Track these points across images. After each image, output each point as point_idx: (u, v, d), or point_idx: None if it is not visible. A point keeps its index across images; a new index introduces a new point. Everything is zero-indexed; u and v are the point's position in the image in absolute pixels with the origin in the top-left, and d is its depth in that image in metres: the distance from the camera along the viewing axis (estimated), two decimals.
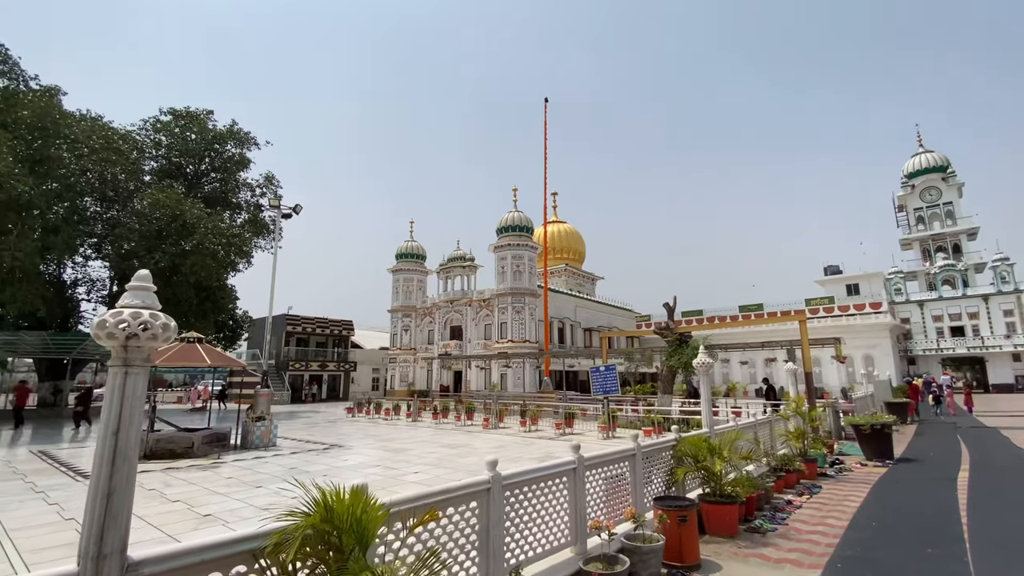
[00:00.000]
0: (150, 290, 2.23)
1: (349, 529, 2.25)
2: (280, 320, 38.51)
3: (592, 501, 4.55)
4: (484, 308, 36.80)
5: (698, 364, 7.01)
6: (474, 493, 3.46)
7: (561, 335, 40.39)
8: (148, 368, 2.14)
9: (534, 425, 16.80)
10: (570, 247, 53.09)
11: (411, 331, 41.34)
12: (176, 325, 2.25)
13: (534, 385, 32.72)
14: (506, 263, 35.40)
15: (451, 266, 39.89)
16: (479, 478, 3.56)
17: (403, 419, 20.34)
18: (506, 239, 35.79)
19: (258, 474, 9.59)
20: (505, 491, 3.71)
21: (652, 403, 17.59)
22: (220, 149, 27.15)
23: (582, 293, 48.16)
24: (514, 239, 35.68)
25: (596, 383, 19.05)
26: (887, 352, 36.47)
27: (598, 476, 4.69)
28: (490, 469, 3.60)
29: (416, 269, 42.76)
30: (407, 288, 42.16)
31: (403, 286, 42.14)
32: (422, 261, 43.64)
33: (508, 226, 36.29)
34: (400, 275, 42.38)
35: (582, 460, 4.44)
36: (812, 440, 9.60)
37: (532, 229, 37.71)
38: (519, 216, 36.67)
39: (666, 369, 17.11)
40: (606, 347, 20.83)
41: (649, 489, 5.36)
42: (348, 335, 42.62)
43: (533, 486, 3.98)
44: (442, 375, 38.10)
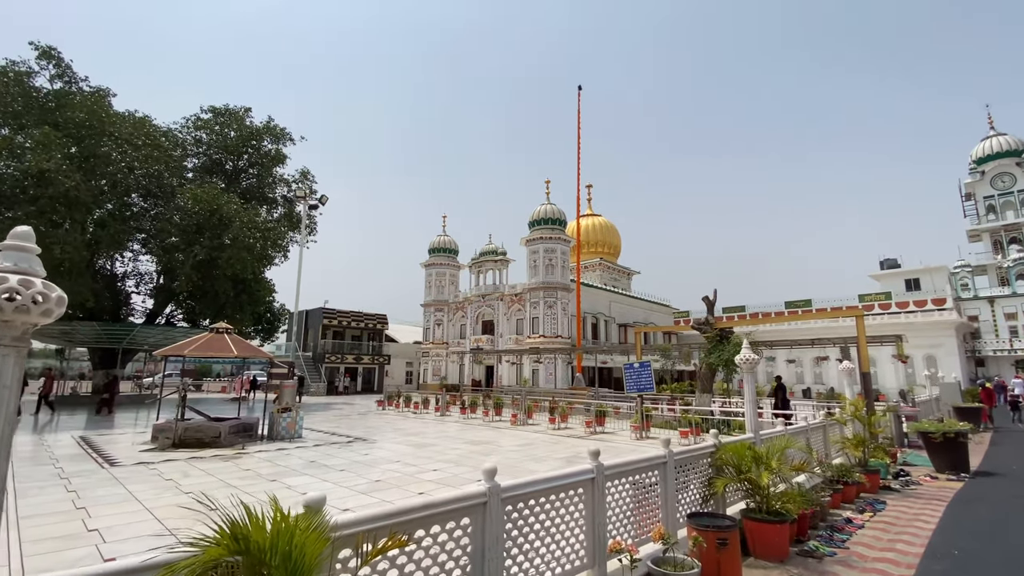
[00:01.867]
0: (30, 251, 1.76)
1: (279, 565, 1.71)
2: (317, 314, 39.30)
3: (614, 517, 3.90)
4: (516, 302, 36.37)
5: (742, 361, 6.20)
6: (466, 508, 2.89)
7: (595, 331, 39.56)
8: (23, 347, 1.68)
9: (563, 423, 16.21)
10: (605, 241, 51.90)
11: (443, 325, 41.39)
12: (62, 295, 1.77)
13: (566, 381, 32.06)
14: (538, 257, 34.78)
15: (483, 260, 39.66)
16: (472, 489, 2.99)
17: (432, 413, 20.17)
18: (538, 232, 35.17)
19: (277, 467, 9.41)
20: (506, 505, 3.13)
21: (689, 402, 16.65)
22: (257, 145, 27.66)
23: (617, 288, 46.98)
24: (546, 232, 35.01)
25: (630, 380, 18.20)
26: (952, 352, 33.60)
27: (622, 488, 4.03)
28: (487, 479, 3.03)
29: (448, 264, 42.78)
30: (439, 283, 42.23)
31: (435, 281, 42.23)
32: (454, 255, 43.63)
33: (540, 219, 35.67)
34: (433, 270, 42.49)
35: (602, 469, 3.79)
36: (872, 448, 8.53)
37: (565, 222, 36.98)
38: (551, 209, 35.95)
39: (705, 367, 16.12)
40: (640, 343, 19.91)
41: (682, 503, 4.65)
42: (382, 329, 43.05)
43: (542, 499, 3.37)
44: (473, 370, 38.01)
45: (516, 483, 3.23)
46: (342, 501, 6.87)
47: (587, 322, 38.19)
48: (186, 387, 13.34)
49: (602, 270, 49.47)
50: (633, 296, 46.98)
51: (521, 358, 33.92)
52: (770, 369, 39.84)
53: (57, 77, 23.20)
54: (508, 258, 39.05)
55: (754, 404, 6.25)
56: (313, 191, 29.67)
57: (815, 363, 35.52)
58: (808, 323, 38.63)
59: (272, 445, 12.11)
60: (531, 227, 36.33)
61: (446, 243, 43.17)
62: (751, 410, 6.18)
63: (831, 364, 33.06)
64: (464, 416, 18.92)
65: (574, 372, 31.63)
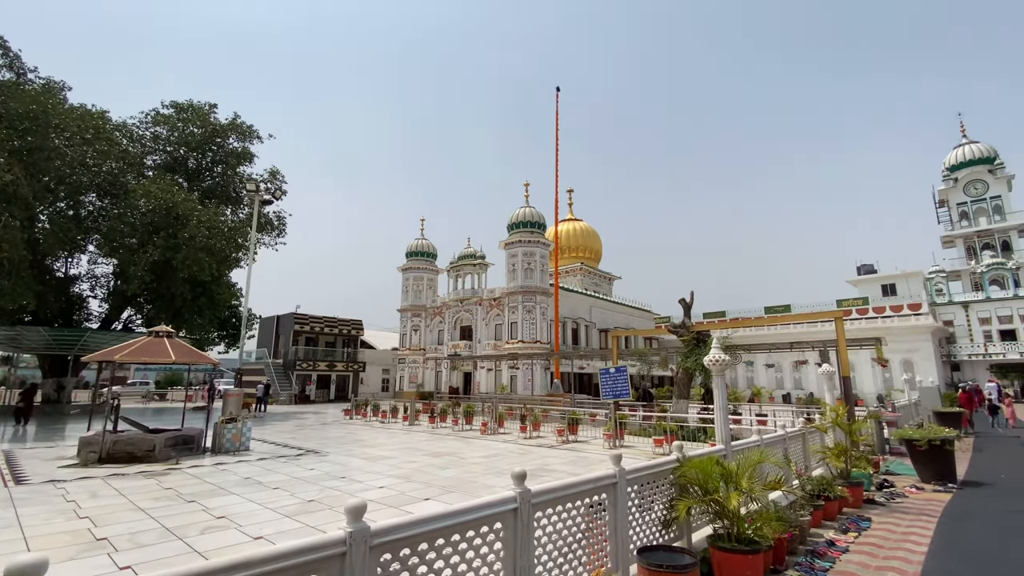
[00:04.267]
0: None
1: None
2: (288, 319, 38.06)
3: (547, 558, 3.09)
4: (494, 307, 35.61)
5: (711, 362, 5.51)
6: (317, 561, 2.05)
7: (575, 336, 38.91)
8: None
9: (535, 431, 15.66)
10: (586, 245, 51.46)
11: (420, 331, 40.47)
12: None
13: (544, 387, 31.35)
14: (517, 260, 34.11)
15: (461, 264, 38.87)
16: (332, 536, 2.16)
17: (400, 423, 19.56)
18: (517, 235, 34.49)
19: (204, 485, 8.43)
20: (382, 554, 2.30)
21: (666, 409, 16.06)
22: (222, 142, 26.54)
23: (598, 293, 46.49)
24: (525, 235, 34.37)
25: (605, 386, 17.59)
26: (928, 356, 33.76)
27: (558, 518, 3.23)
28: (352, 521, 2.20)
29: (426, 268, 41.94)
30: (417, 287, 41.35)
31: (413, 285, 41.33)
32: (432, 259, 42.79)
33: (519, 222, 34.98)
34: (410, 274, 41.59)
35: (529, 497, 2.99)
36: (855, 458, 7.91)
37: (544, 226, 36.33)
38: (530, 212, 35.32)
39: (681, 371, 15.58)
40: (616, 347, 19.28)
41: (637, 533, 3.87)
42: (357, 335, 41.98)
43: (440, 541, 2.55)
44: (451, 376, 37.07)
45: (398, 523, 2.41)
46: (258, 527, 5.96)
47: (567, 327, 37.58)
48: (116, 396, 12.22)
49: (583, 275, 49.00)
50: (614, 301, 46.56)
51: (499, 364, 33.16)
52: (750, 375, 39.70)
53: (5, 68, 21.85)
54: (487, 262, 38.33)
55: (724, 411, 5.55)
56: (283, 191, 28.63)
57: (794, 367, 35.42)
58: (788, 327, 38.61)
59: (212, 459, 11.12)
60: (510, 230, 35.66)
61: (424, 247, 42.32)
62: (721, 418, 5.48)
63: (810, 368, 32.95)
64: (433, 426, 18.29)
65: (552, 378, 30.92)
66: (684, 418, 14.13)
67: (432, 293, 41.85)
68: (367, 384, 41.13)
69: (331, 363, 38.03)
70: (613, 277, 54.17)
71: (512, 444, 13.74)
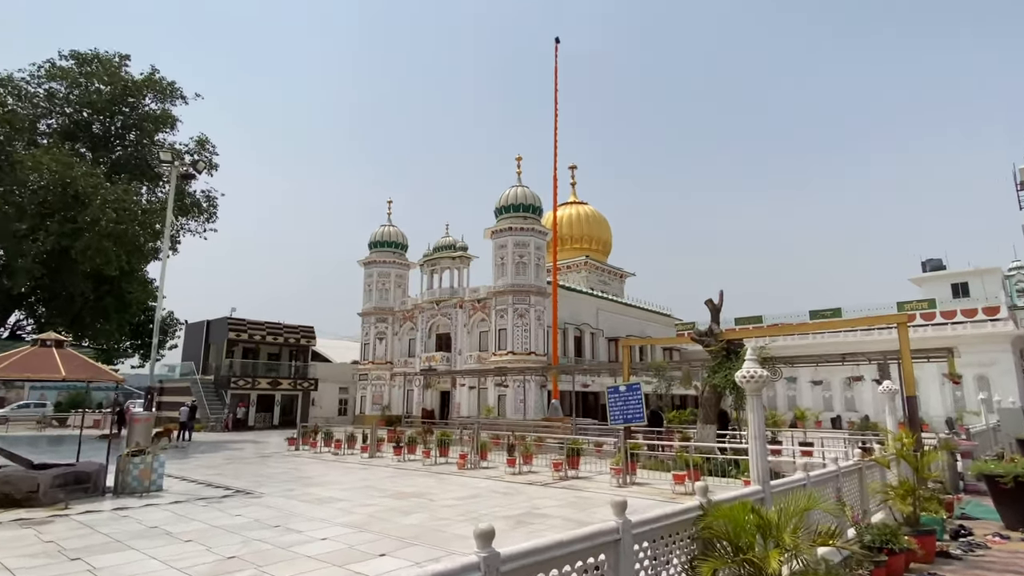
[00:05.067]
0: None
1: None
2: (221, 325, 37.54)
3: None
4: (478, 310, 35.49)
5: (744, 378, 5.27)
6: None
7: (579, 346, 38.94)
8: None
9: (526, 464, 15.41)
10: (592, 235, 51.51)
11: (387, 340, 40.31)
12: None
13: (540, 410, 31.24)
14: (506, 252, 33.96)
15: (438, 257, 38.66)
16: None
17: (358, 454, 19.30)
18: (507, 221, 34.33)
19: (96, 536, 8.07)
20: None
21: (689, 436, 15.98)
22: (136, 103, 25.98)
23: (607, 293, 46.59)
24: (517, 221, 34.21)
25: (614, 408, 17.43)
26: (1008, 371, 34.05)
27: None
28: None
29: (394, 261, 41.76)
30: (382, 285, 41.13)
31: (378, 283, 41.09)
32: (402, 251, 42.60)
33: (510, 205, 34.86)
34: (374, 269, 41.37)
35: (495, 564, 2.70)
36: (924, 499, 7.72)
37: (541, 210, 36.29)
38: (524, 192, 35.17)
39: (708, 389, 15.44)
40: (628, 359, 19.13)
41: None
42: (308, 345, 41.56)
43: None
44: (425, 396, 36.99)
45: None
46: None
47: (568, 335, 37.53)
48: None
49: (588, 271, 49.00)
50: (626, 303, 46.61)
51: (484, 381, 33.00)
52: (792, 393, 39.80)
53: None
54: (469, 254, 38.17)
55: (761, 441, 5.31)
56: (214, 165, 28.16)
57: (846, 384, 35.55)
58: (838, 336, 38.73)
59: (113, 502, 10.77)
60: (498, 215, 35.46)
61: (391, 235, 42.05)
62: (757, 449, 5.23)
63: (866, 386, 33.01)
64: (399, 458, 18.02)
65: (550, 398, 30.75)
66: (711, 448, 13.96)
67: (402, 293, 41.70)
68: (320, 406, 40.73)
69: (275, 380, 37.53)
70: (625, 274, 54.32)
71: (497, 481, 13.58)
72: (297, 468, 16.14)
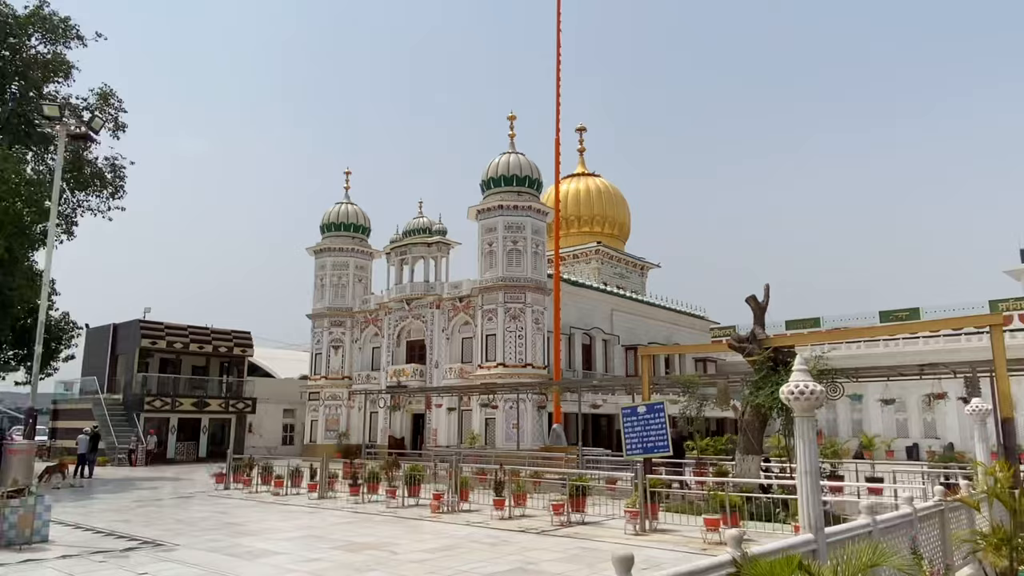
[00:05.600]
0: None
1: None
2: (131, 330, 37.40)
3: None
4: (461, 311, 35.60)
5: (791, 395, 5.17)
6: None
7: (588, 356, 39.13)
8: None
9: (519, 506, 15.47)
10: (606, 215, 51.63)
11: (344, 349, 40.42)
12: None
13: (539, 436, 31.33)
14: (496, 237, 33.94)
15: (409, 244, 38.63)
16: None
17: (306, 494, 19.37)
18: (497, 197, 34.26)
19: None
20: None
21: (726, 470, 15.97)
22: (17, 45, 25.70)
23: (624, 290, 46.66)
24: (510, 198, 34.16)
25: (631, 435, 17.43)
26: None
27: None
28: None
29: (354, 249, 41.85)
30: (338, 279, 41.23)
31: (332, 276, 41.18)
32: (363, 236, 42.72)
33: (501, 176, 34.85)
34: (327, 258, 41.44)
35: None
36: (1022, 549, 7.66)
37: (540, 184, 36.32)
38: (519, 161, 35.12)
39: (750, 410, 15.37)
40: (649, 372, 19.04)
41: None
42: (244, 355, 41.48)
43: None
44: (392, 421, 37.12)
45: None
46: None
47: (574, 342, 37.57)
48: None
49: (601, 261, 49.13)
50: (648, 302, 46.66)
51: (468, 401, 32.98)
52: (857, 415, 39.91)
53: None
54: (449, 240, 38.25)
55: (814, 477, 5.22)
56: (120, 124, 27.91)
57: (925, 404, 35.63)
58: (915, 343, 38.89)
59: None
60: (486, 190, 35.40)
61: (350, 215, 42.05)
62: (809, 487, 5.14)
63: (950, 405, 33.16)
64: (356, 498, 18.07)
65: (551, 422, 30.71)
66: (754, 484, 13.91)
67: (363, 289, 41.68)
68: (260, 433, 40.82)
69: (201, 400, 37.43)
70: (648, 265, 54.50)
71: (480, 528, 13.51)
72: (225, 512, 16.12)
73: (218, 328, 40.33)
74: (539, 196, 36.27)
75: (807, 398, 5.23)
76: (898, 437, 37.41)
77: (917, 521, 7.10)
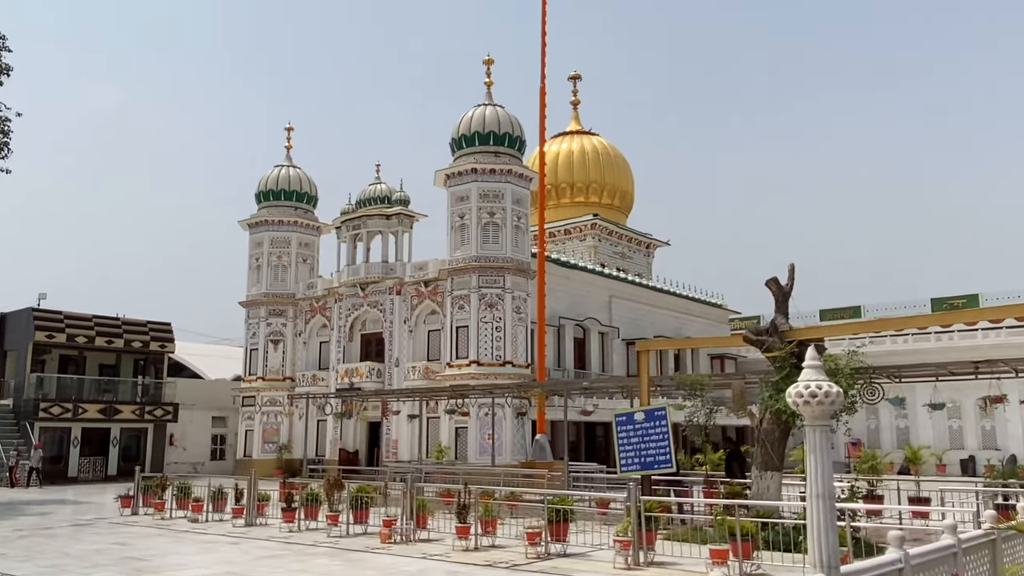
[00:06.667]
0: None
1: None
2: (22, 320, 37.13)
3: None
4: (426, 298, 35.68)
5: (798, 397, 4.96)
6: None
7: (581, 351, 39.24)
8: None
9: (487, 535, 15.33)
10: (604, 182, 51.47)
11: (286, 344, 40.39)
12: None
13: (520, 450, 31.40)
14: (469, 207, 33.89)
15: (364, 215, 38.50)
16: None
17: (230, 519, 19.37)
18: (470, 159, 34.14)
19: None
20: None
21: (739, 490, 15.97)
22: None
23: (625, 272, 46.54)
24: (486, 159, 34.07)
25: (626, 447, 17.43)
26: None
27: None
28: None
29: (297, 222, 41.80)
30: (278, 258, 41.22)
31: (271, 255, 41.11)
32: (309, 207, 42.74)
33: (475, 134, 34.84)
34: (265, 233, 41.34)
35: None
36: None
37: (524, 143, 36.25)
38: (497, 115, 35.00)
39: (769, 418, 15.22)
40: (647, 371, 18.90)
41: None
42: (164, 351, 41.16)
43: None
44: (344, 431, 37.04)
45: None
46: None
47: (564, 335, 37.55)
48: None
49: (597, 237, 49.00)
50: (654, 287, 46.63)
51: (435, 407, 32.84)
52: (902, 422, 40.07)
53: None
54: (412, 211, 38.17)
55: (829, 500, 5.02)
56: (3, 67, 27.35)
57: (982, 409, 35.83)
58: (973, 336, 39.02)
59: None
60: (456, 149, 35.21)
61: (292, 180, 42.05)
62: (820, 515, 4.94)
63: (1013, 410, 33.35)
64: (291, 525, 17.96)
65: (534, 432, 30.61)
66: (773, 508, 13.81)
67: (308, 270, 41.70)
68: (183, 446, 40.85)
69: (111, 406, 37.25)
70: (654, 243, 54.53)
71: (439, 562, 13.44)
72: (126, 544, 15.91)
73: (131, 319, 40.03)
74: (522, 158, 36.05)
75: (820, 402, 4.99)
76: (951, 448, 37.64)
77: (962, 554, 6.94)
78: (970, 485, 21.12)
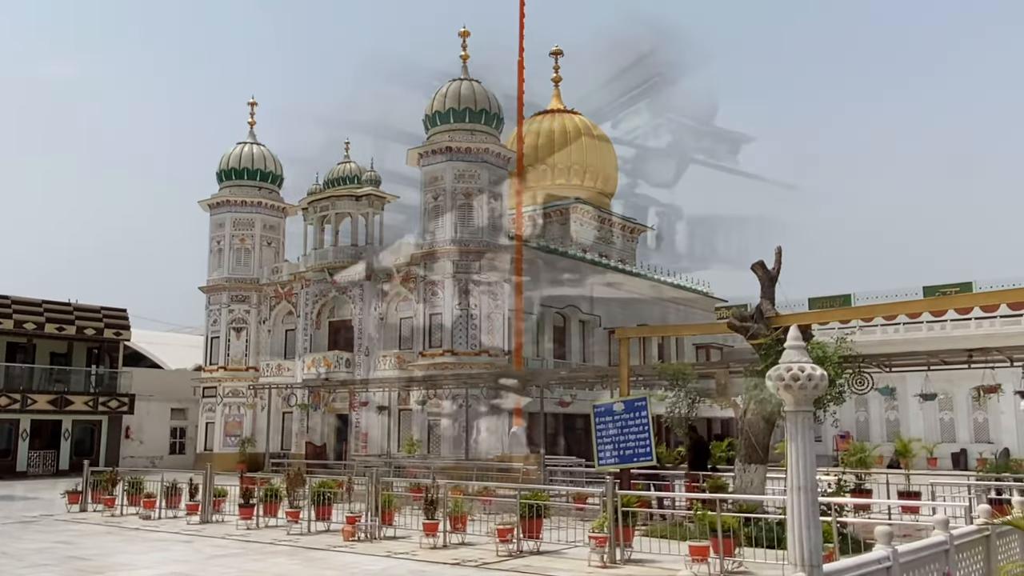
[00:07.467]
0: None
1: None
2: None
3: None
4: (398, 284, 35.64)
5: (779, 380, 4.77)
6: None
7: (561, 339, 39.42)
8: None
9: (456, 531, 15.29)
10: (587, 164, 51.21)
11: (249, 331, 40.48)
12: None
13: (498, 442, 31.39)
14: (443, 187, 33.98)
15: (332, 196, 38.62)
16: None
17: (184, 516, 19.36)
18: (444, 137, 34.19)
19: None
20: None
21: (723, 483, 16.07)
22: None
23: (608, 258, 46.46)
24: (461, 137, 34.11)
25: (604, 439, 17.40)
26: None
27: None
28: None
29: (261, 203, 41.75)
30: (241, 241, 41.23)
31: (233, 238, 41.19)
32: (274, 187, 42.75)
33: (450, 110, 34.88)
34: (227, 214, 41.31)
35: None
36: None
37: (501, 120, 36.15)
38: (472, 90, 35.04)
39: (753, 409, 15.27)
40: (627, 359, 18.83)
41: None
42: (119, 339, 40.95)
43: None
44: (311, 423, 37.01)
45: None
46: None
47: (544, 324, 37.59)
48: None
49: (580, 221, 48.79)
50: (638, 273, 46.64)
51: (407, 398, 32.80)
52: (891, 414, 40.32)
53: None
54: (383, 192, 38.14)
55: (811, 494, 4.82)
56: None
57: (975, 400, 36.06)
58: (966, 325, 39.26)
59: None
60: (430, 126, 35.17)
61: (255, 159, 42.18)
62: (801, 509, 4.75)
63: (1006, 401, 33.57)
64: (249, 523, 17.94)
65: (510, 424, 30.56)
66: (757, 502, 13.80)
67: (273, 255, 41.74)
68: (140, 440, 40.91)
69: (62, 396, 37.14)
70: (638, 227, 54.39)
71: (405, 561, 13.40)
72: (70, 543, 15.78)
73: (84, 304, 39.80)
74: (499, 137, 35.91)
75: (802, 386, 4.79)
76: (942, 441, 37.82)
77: (954, 551, 6.91)
78: (962, 479, 21.22)
